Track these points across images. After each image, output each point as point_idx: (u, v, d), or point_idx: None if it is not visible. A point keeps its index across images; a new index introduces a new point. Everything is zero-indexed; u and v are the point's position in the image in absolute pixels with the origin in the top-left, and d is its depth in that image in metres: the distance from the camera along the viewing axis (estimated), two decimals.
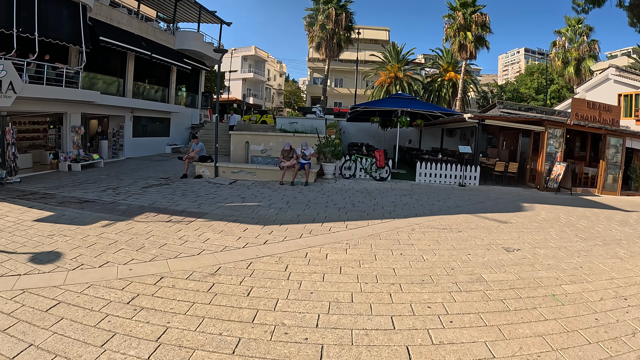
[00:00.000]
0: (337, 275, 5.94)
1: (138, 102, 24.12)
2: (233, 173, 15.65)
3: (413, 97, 26.17)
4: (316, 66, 56.78)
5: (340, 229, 8.70)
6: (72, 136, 18.89)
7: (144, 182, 14.27)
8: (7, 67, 13.94)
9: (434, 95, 49.03)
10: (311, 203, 11.46)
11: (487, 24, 39.36)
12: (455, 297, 5.28)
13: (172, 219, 9.06)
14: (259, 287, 5.41)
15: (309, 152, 15.27)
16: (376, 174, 16.79)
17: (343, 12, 40.07)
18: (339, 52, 41.79)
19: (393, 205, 11.57)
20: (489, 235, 8.72)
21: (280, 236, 7.89)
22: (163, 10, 30.83)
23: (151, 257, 6.47)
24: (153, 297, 5.03)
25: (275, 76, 75.29)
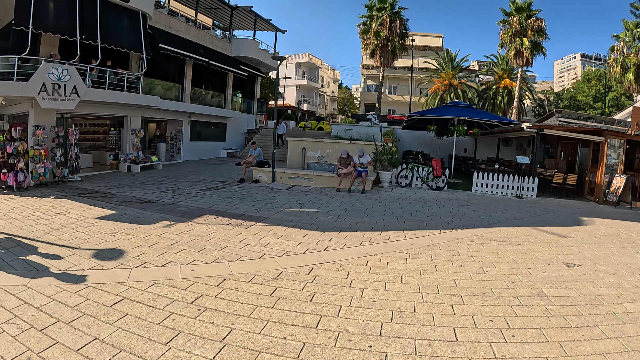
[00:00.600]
0: (399, 284, 5.83)
1: (196, 107, 24.78)
2: (290, 179, 15.72)
3: (470, 105, 25.61)
4: (370, 73, 56.73)
5: (400, 238, 8.56)
6: (132, 139, 19.57)
7: (202, 185, 14.56)
8: (71, 72, 14.62)
9: (489, 103, 48.01)
10: (369, 211, 11.34)
11: (543, 30, 38.10)
12: (517, 312, 5.14)
13: (232, 222, 9.14)
14: (321, 293, 5.34)
15: (365, 159, 15.17)
16: (433, 183, 16.49)
17: (397, 19, 39.80)
18: (393, 59, 41.50)
19: (451, 216, 11.33)
20: (549, 249, 8.41)
21: (340, 243, 7.81)
22: (219, 18, 31.76)
23: (213, 259, 6.51)
24: (216, 298, 5.03)
25: (329, 83, 75.65)
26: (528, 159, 17.70)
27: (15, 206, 10.61)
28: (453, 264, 6.88)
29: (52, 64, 14.42)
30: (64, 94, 14.46)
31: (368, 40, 40.54)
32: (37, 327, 4.27)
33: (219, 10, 29.63)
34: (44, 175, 14.02)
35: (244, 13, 29.85)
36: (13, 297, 5.01)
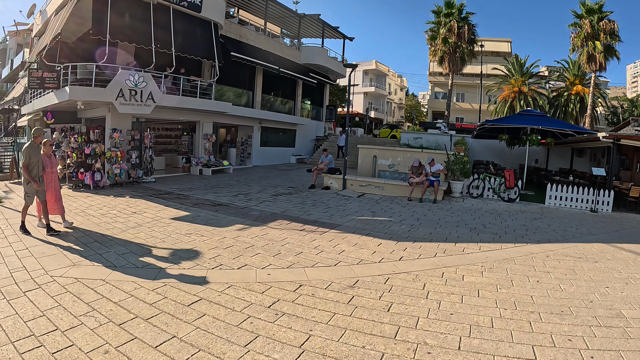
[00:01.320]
0: (476, 298, 5.66)
1: (266, 113, 25.28)
2: (361, 186, 15.63)
3: (543, 113, 24.49)
4: (437, 80, 55.90)
5: (474, 250, 8.31)
6: (204, 143, 20.16)
7: (273, 190, 14.75)
8: (147, 79, 15.36)
9: (560, 110, 45.79)
10: (442, 221, 11.09)
11: (616, 32, 35.90)
12: (595, 332, 4.87)
13: (306, 228, 9.16)
14: (398, 303, 5.22)
15: (437, 168, 14.89)
16: (505, 194, 15.93)
17: (465, 24, 38.95)
18: (462, 65, 40.62)
19: (524, 229, 10.90)
20: (627, 268, 7.89)
21: (415, 254, 7.65)
22: (287, 26, 32.37)
23: (288, 264, 6.52)
24: (293, 303, 5.00)
25: (396, 90, 75.08)
26: (604, 170, 16.77)
27: (92, 204, 11.21)
28: (529, 280, 6.62)
29: (129, 71, 15.23)
30: (140, 99, 15.21)
31: (436, 47, 39.91)
32: (116, 321, 4.39)
33: (287, 19, 30.29)
34: (120, 175, 14.77)
35: (312, 21, 30.31)
36: (91, 290, 5.21)
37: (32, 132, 8.69)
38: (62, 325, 4.27)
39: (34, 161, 8.31)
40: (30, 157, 8.22)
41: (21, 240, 7.54)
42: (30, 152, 8.25)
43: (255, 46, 24.50)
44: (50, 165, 8.73)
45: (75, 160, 14.45)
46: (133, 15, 16.04)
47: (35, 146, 8.46)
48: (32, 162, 8.27)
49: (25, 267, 6.03)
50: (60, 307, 4.71)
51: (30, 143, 8.42)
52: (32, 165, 8.27)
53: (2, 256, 6.51)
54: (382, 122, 58.84)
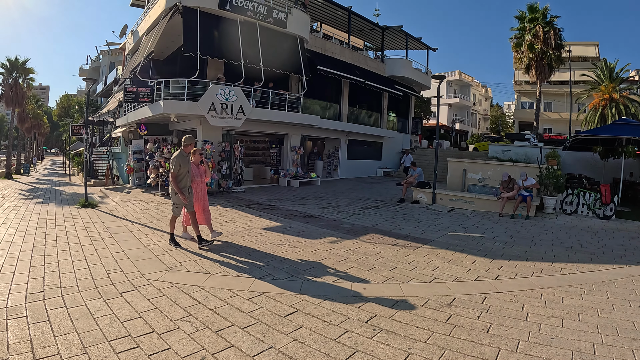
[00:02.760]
0: (576, 322, 5.32)
1: (352, 126, 25.45)
2: (451, 201, 15.29)
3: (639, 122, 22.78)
4: (523, 89, 53.60)
5: (571, 271, 7.86)
6: (292, 155, 20.57)
7: (362, 203, 14.73)
8: (237, 93, 15.95)
9: None
10: (536, 239, 10.59)
11: None
12: None
13: (398, 243, 9.06)
14: (497, 324, 5.01)
15: (529, 182, 14.28)
16: (600, 211, 14.94)
17: (550, 29, 37.01)
18: (550, 73, 38.58)
19: (623, 249, 10.14)
20: None
21: (511, 272, 7.35)
22: (370, 39, 32.55)
23: (383, 279, 6.44)
24: (391, 319, 4.91)
25: (481, 101, 72.93)
26: None
27: None
28: (631, 304, 6.12)
29: (220, 86, 15.92)
30: (231, 112, 15.82)
31: (522, 54, 38.25)
32: (212, 328, 4.50)
33: (370, 32, 30.50)
34: (211, 185, 15.35)
35: (394, 33, 30.30)
36: (187, 296, 5.39)
37: (183, 140, 8.49)
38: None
39: (183, 171, 8.09)
40: (180, 166, 8.01)
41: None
42: (180, 161, 8.04)
43: (341, 59, 24.83)
44: (199, 175, 8.63)
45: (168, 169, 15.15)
46: (221, 32, 16.80)
47: (185, 155, 8.26)
48: (181, 173, 8.06)
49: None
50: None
51: (179, 152, 8.19)
52: (182, 176, 8.08)
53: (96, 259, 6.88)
54: (468, 134, 57.38)
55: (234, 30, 16.87)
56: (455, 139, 52.29)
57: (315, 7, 25.00)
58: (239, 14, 16.96)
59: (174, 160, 7.97)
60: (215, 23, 16.63)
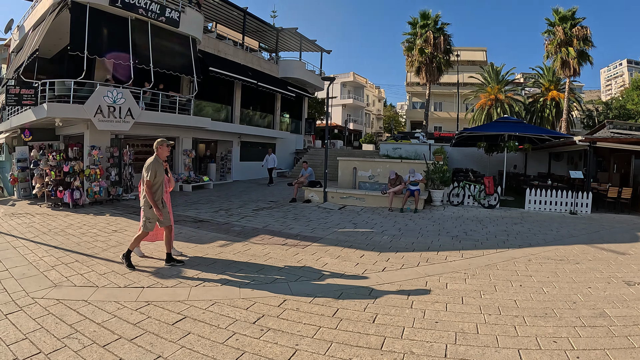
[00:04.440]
0: (460, 305, 5.71)
1: (245, 128, 25.32)
2: (342, 199, 15.70)
3: (520, 120, 24.88)
4: (415, 90, 56.41)
5: (456, 258, 8.38)
6: (183, 159, 20.08)
7: (254, 205, 14.70)
8: (125, 95, 15.31)
9: (536, 116, 46.80)
10: (423, 230, 11.18)
11: (588, 38, 36.93)
12: (580, 332, 4.95)
13: (288, 242, 9.14)
14: (383, 314, 5.23)
15: (416, 178, 15.02)
16: (485, 201, 16.14)
17: (440, 35, 39.50)
18: (439, 75, 41.13)
19: (506, 234, 11.06)
20: (608, 267, 8.08)
21: (398, 264, 7.69)
22: (265, 40, 32.53)
23: (272, 279, 6.49)
24: (278, 318, 4.99)
25: (374, 101, 75.67)
26: (581, 173, 17.09)
27: (72, 223, 11.05)
28: (512, 284, 6.69)
29: (108, 88, 15.15)
30: (119, 116, 15.11)
31: (413, 58, 40.33)
32: (100, 342, 4.32)
33: (265, 33, 30.49)
34: (99, 193, 14.59)
35: (290, 35, 30.56)
36: (74, 312, 5.12)
37: (157, 143, 7.36)
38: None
39: (159, 180, 7.15)
40: (156, 174, 7.05)
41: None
42: (157, 168, 7.09)
43: (234, 61, 24.62)
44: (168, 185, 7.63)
45: (54, 178, 14.20)
46: (111, 30, 15.98)
47: (160, 161, 7.26)
48: (157, 181, 7.11)
49: None
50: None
51: (154, 158, 7.20)
52: (157, 185, 7.14)
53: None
54: (361, 134, 59.10)
55: (124, 29, 16.15)
56: (349, 138, 53.68)
57: (210, 6, 24.57)
58: (130, 11, 16.23)
59: (150, 166, 7.01)
60: (105, 21, 15.77)
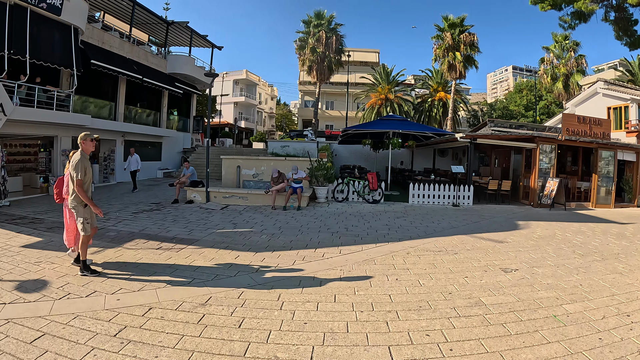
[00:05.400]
0: (332, 303, 5.70)
1: (129, 126, 24.07)
2: (225, 198, 15.49)
3: (404, 118, 26.16)
4: (307, 89, 57.11)
5: (334, 254, 8.48)
6: (62, 160, 18.65)
7: (134, 208, 14.06)
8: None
9: (425, 115, 49.51)
10: (304, 228, 11.27)
11: (475, 44, 39.99)
12: (454, 323, 5.09)
13: (163, 246, 8.86)
14: (250, 317, 5.19)
15: (299, 175, 15.16)
16: (369, 196, 16.67)
17: (333, 35, 40.46)
18: (329, 75, 42.06)
19: (387, 228, 11.38)
20: (486, 256, 8.58)
21: (273, 263, 7.67)
22: (155, 34, 31.04)
23: (140, 287, 6.25)
24: (141, 329, 4.81)
25: (267, 99, 75.53)
26: (463, 168, 18.29)
27: None
28: (388, 279, 6.81)
29: None
30: None
31: (305, 57, 40.94)
32: None
33: (155, 26, 29.01)
34: None
35: (180, 29, 29.44)
36: None
37: (80, 137, 6.81)
38: None
39: (89, 177, 6.64)
40: (85, 171, 6.56)
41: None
42: (85, 165, 6.58)
43: (119, 54, 23.15)
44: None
45: None
46: None
47: (87, 157, 6.74)
48: (87, 179, 6.61)
49: None
50: None
51: (80, 154, 6.63)
52: (88, 183, 6.65)
53: None
54: (253, 132, 58.78)
55: (1, 14, 14.65)
56: (240, 136, 53.19)
57: None
58: None
59: (78, 164, 6.46)
60: None
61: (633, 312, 5.65)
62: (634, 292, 6.54)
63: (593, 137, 19.24)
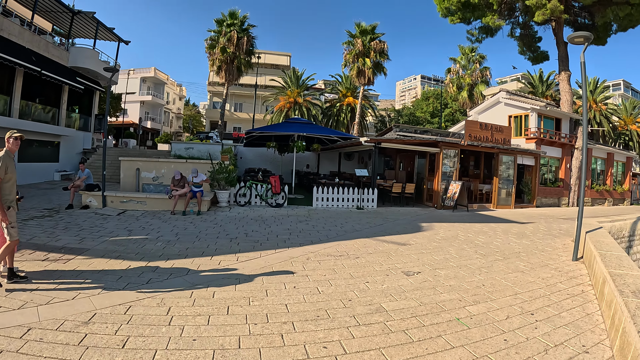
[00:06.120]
0: (224, 316, 5.38)
1: (25, 123, 22.07)
2: (122, 203, 14.80)
3: (309, 121, 26.39)
4: (216, 90, 56.26)
5: (231, 262, 8.23)
6: None
7: (25, 214, 12.89)
8: None
9: (333, 119, 50.55)
10: (202, 234, 10.94)
11: (385, 51, 41.56)
12: (354, 333, 4.91)
13: (50, 257, 8.23)
14: (136, 336, 4.80)
15: (200, 178, 14.82)
16: (272, 200, 16.63)
17: (245, 35, 40.13)
18: (238, 76, 41.64)
19: (288, 233, 11.30)
20: (388, 259, 8.63)
21: (166, 273, 7.33)
22: (60, 23, 29.01)
23: (20, 304, 5.68)
24: (17, 353, 4.34)
25: (175, 99, 72.97)
26: (367, 171, 18.77)
27: None
28: (286, 287, 6.60)
29: None
30: None
31: (215, 56, 40.25)
32: None
33: (60, 14, 26.97)
34: None
35: (86, 19, 27.62)
36: None
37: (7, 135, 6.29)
38: None
39: (11, 178, 6.12)
40: (6, 169, 5.99)
41: None
42: (8, 163, 6.01)
43: (18, 43, 21.28)
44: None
45: None
46: None
47: (12, 157, 6.20)
48: (9, 178, 6.09)
49: None
50: None
51: (5, 152, 6.09)
52: (10, 184, 6.14)
53: None
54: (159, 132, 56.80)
55: None
56: (146, 137, 51.23)
57: None
58: None
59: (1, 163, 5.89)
60: None
61: (536, 311, 5.90)
62: (536, 289, 6.90)
63: (494, 142, 20.73)
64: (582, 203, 9.46)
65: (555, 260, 9.55)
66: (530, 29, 34.05)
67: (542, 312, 5.87)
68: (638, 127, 55.06)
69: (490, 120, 26.37)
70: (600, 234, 9.95)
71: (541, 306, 6.12)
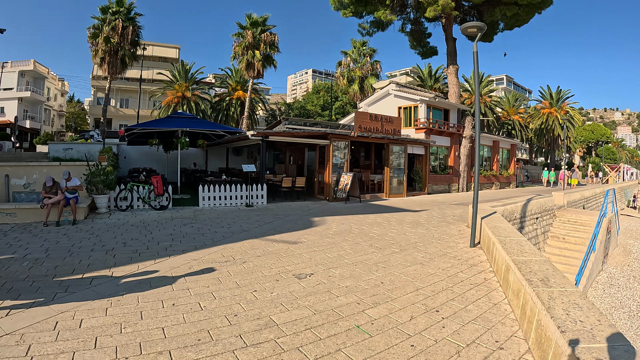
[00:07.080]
0: (91, 351, 4.22)
1: None
2: None
3: (193, 116, 24.93)
4: (100, 85, 52.17)
5: (104, 279, 6.79)
6: None
7: None
8: None
9: (223, 114, 49.34)
10: (75, 248, 9.25)
11: (275, 44, 40.87)
12: (240, 357, 4.06)
13: None
14: None
15: (73, 183, 12.87)
16: (155, 202, 15.40)
17: (130, 25, 37.54)
18: (123, 68, 39.00)
19: (170, 239, 10.12)
20: (278, 261, 7.90)
21: (30, 300, 5.79)
22: None
23: None
24: None
25: (57, 96, 66.22)
26: (254, 166, 18.00)
27: None
28: (164, 305, 5.50)
29: None
30: None
31: (98, 47, 37.32)
32: None
33: None
34: None
35: None
36: None
37: None
38: None
39: None
40: None
41: None
42: None
43: None
44: None
45: None
46: None
47: None
48: None
49: None
50: None
51: None
52: None
53: None
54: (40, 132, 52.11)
55: None
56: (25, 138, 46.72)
57: None
58: None
59: None
60: None
61: (441, 306, 5.41)
62: (438, 282, 6.41)
63: (385, 133, 21.00)
64: (477, 189, 9.22)
65: (453, 248, 9.27)
66: (420, 25, 35.50)
67: (447, 307, 5.43)
68: (520, 117, 61.70)
69: (381, 112, 26.78)
70: (495, 219, 9.93)
71: (445, 301, 5.66)
